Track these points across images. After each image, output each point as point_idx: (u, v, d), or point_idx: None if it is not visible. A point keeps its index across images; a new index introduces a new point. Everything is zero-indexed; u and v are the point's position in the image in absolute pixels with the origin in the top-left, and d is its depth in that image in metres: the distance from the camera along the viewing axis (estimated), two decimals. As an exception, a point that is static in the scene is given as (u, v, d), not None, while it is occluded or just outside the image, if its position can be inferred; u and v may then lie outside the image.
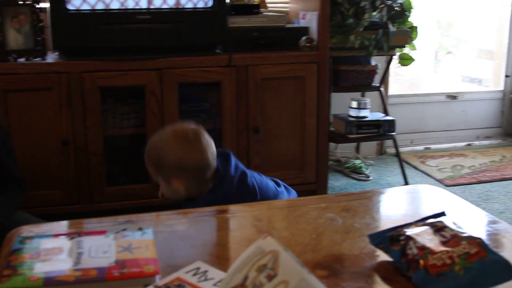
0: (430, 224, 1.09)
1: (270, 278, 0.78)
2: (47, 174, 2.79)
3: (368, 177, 3.68)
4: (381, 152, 4.19)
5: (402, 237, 1.07)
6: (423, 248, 1.01)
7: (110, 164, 2.94)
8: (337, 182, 3.58)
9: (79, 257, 1.02)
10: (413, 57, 3.50)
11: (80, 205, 2.87)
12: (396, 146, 3.50)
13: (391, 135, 3.40)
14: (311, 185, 3.18)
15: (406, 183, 3.46)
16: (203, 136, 1.89)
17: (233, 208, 1.37)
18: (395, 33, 3.26)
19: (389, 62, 3.57)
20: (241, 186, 1.84)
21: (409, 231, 1.08)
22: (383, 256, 1.09)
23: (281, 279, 0.76)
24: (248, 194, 1.82)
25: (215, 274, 0.99)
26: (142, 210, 2.92)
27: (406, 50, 3.48)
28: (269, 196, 1.89)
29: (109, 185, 2.90)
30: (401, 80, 4.48)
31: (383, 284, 1.01)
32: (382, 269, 1.06)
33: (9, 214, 2.23)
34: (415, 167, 3.86)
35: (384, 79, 3.70)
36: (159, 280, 0.97)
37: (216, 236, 1.20)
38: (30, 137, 2.72)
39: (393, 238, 1.08)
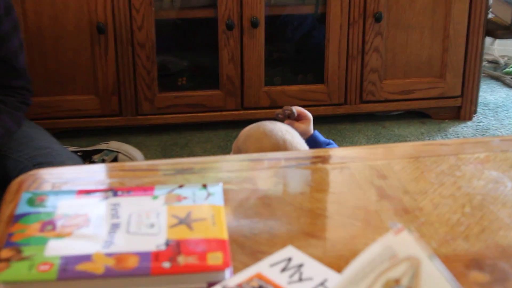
0: None
1: (405, 304, 0.69)
2: (76, 73, 2.79)
3: (538, 88, 3.50)
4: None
5: None
6: None
7: (164, 61, 2.91)
8: (492, 96, 3.42)
9: (113, 232, 0.97)
10: None
11: (121, 117, 2.88)
12: None
13: None
14: (454, 99, 3.07)
15: None
16: None
17: (344, 152, 1.29)
18: None
19: None
20: None
21: None
22: None
23: (423, 309, 0.68)
24: None
25: (314, 271, 0.91)
26: (207, 127, 2.96)
27: None
28: None
29: (162, 90, 2.88)
30: None
31: None
32: None
33: (12, 131, 2.23)
34: None
35: None
36: (231, 277, 0.90)
37: (318, 201, 1.12)
38: (53, 23, 2.71)
39: None
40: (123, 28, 2.74)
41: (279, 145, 1.84)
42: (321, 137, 2.05)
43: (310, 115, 2.04)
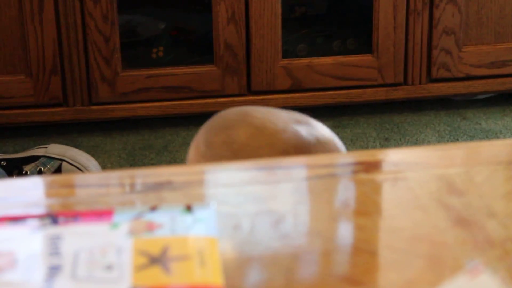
0: None
1: None
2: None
3: None
4: None
5: None
6: None
7: (130, 22, 2.93)
8: None
9: (52, 278, 0.98)
10: None
11: (66, 108, 2.89)
12: None
13: None
14: None
15: None
16: None
17: (400, 156, 1.31)
18: None
19: None
20: None
21: None
22: None
23: None
24: None
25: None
26: (196, 121, 2.97)
27: None
28: None
29: (127, 67, 2.90)
30: None
31: None
32: None
33: None
34: None
35: None
36: None
37: (359, 230, 1.13)
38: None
39: None
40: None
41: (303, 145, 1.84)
42: None
43: None
